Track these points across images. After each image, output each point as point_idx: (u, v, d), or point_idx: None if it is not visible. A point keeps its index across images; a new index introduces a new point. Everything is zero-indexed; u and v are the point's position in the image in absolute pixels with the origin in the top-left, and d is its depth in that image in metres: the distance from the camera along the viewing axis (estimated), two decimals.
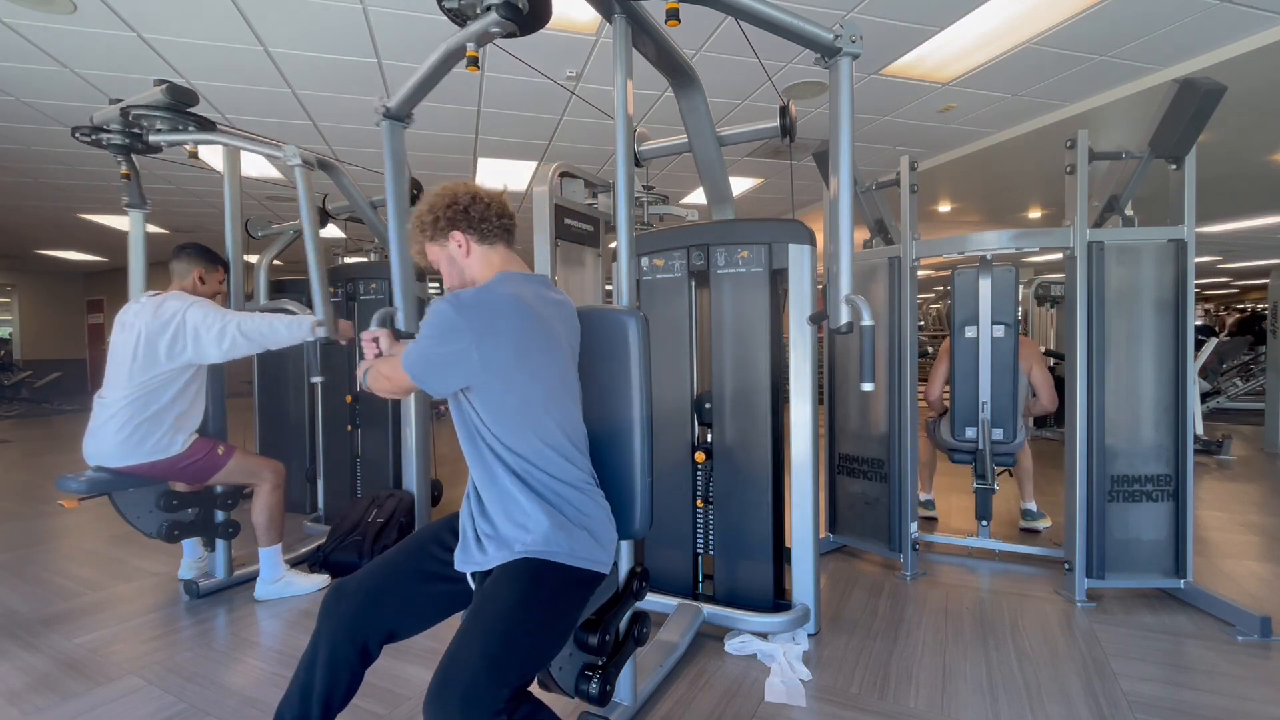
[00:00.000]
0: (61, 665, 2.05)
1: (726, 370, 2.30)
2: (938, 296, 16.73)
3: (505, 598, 1.09)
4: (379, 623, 1.18)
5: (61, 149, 4.84)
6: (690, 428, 2.36)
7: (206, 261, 2.51)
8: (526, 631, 1.06)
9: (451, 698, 0.96)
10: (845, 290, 1.58)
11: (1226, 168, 5.37)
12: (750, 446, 2.27)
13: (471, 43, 1.54)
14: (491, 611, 1.07)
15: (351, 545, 2.79)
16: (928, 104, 4.21)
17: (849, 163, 1.59)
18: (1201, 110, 2.29)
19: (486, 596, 1.11)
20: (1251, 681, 1.90)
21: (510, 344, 1.17)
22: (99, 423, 2.25)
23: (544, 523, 1.16)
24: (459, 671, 0.98)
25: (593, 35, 3.25)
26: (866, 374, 1.55)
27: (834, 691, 1.88)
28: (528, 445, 1.20)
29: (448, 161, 5.37)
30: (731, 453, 2.30)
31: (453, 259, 1.33)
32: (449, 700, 0.96)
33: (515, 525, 1.18)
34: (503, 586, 1.11)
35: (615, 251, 1.92)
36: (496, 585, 1.12)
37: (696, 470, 2.36)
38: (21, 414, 9.45)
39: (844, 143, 1.59)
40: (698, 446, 2.36)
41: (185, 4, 2.90)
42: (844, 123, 1.59)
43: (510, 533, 1.18)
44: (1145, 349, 2.49)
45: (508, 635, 1.04)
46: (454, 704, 0.95)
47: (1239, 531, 3.34)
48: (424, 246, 1.35)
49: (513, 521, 1.18)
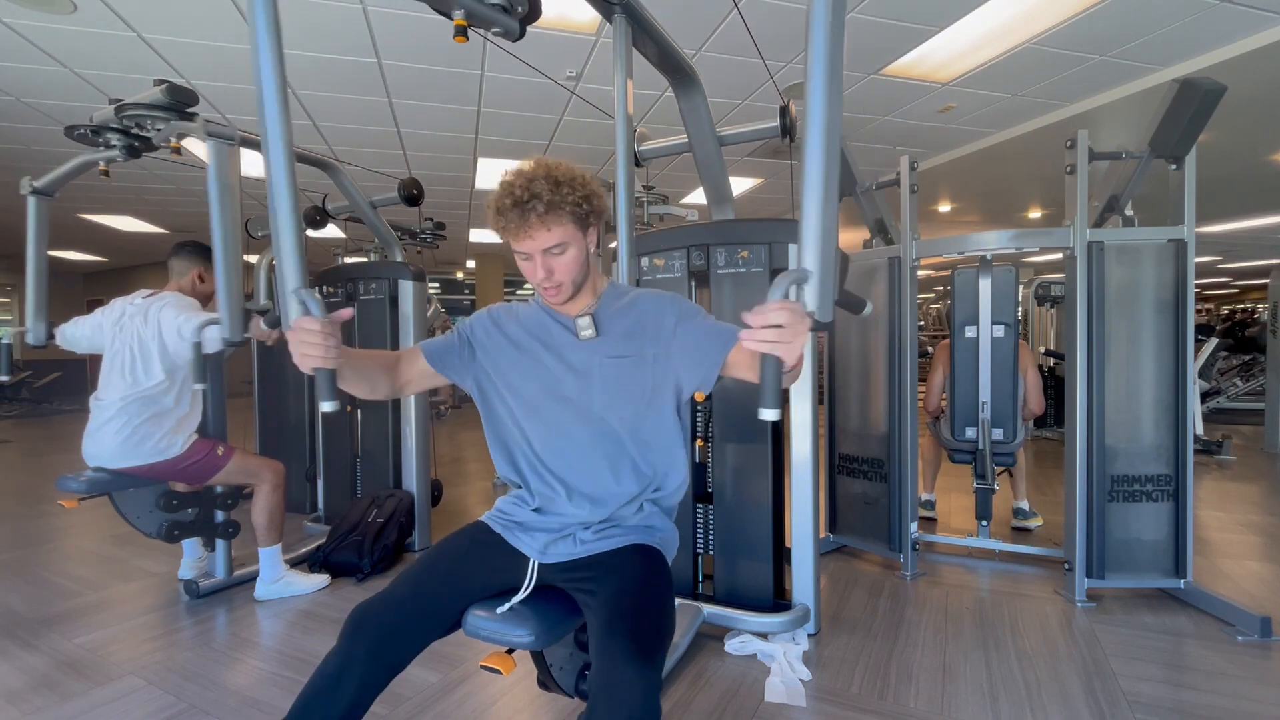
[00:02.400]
0: (61, 665, 2.05)
1: None
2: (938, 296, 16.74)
3: (646, 574, 1.18)
4: (411, 645, 1.14)
5: (61, 149, 4.84)
6: (690, 428, 2.35)
7: (207, 261, 2.51)
8: (669, 605, 1.18)
9: (641, 642, 1.03)
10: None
11: (1226, 168, 5.38)
12: (750, 446, 2.27)
13: (459, 11, 1.39)
14: (641, 583, 1.16)
15: (351, 545, 2.79)
16: (928, 104, 4.22)
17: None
18: (1201, 110, 2.29)
19: (623, 570, 1.18)
20: (1251, 681, 1.90)
21: None
22: (98, 424, 2.25)
23: (669, 524, 1.31)
24: (639, 625, 1.06)
25: (593, 35, 3.25)
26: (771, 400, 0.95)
27: (834, 691, 1.87)
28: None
29: (448, 161, 5.37)
30: (731, 453, 2.30)
31: (587, 252, 1.22)
32: (640, 641, 1.03)
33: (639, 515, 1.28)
34: (632, 565, 1.19)
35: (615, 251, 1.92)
36: (625, 562, 1.20)
37: (697, 469, 2.36)
38: (21, 414, 9.45)
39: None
40: (698, 446, 2.36)
41: (185, 4, 2.90)
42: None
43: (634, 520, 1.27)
44: (1145, 349, 2.49)
45: (663, 604, 1.16)
46: (645, 644, 1.03)
47: (1239, 531, 3.33)
48: (553, 224, 1.14)
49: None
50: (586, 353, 1.26)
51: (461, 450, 6.12)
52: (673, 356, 1.23)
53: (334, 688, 1.08)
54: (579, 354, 1.26)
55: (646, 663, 1.00)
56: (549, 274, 1.18)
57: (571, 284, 1.21)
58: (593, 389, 1.25)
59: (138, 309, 2.34)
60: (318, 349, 0.99)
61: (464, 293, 14.64)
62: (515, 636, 1.17)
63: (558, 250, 1.16)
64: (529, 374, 1.28)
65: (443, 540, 1.31)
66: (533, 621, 1.18)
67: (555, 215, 1.13)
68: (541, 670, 1.33)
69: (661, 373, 1.24)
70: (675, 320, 1.24)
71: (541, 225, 1.13)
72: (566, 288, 1.20)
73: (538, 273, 1.18)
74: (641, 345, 1.24)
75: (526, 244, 1.16)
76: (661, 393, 1.25)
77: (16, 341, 2.64)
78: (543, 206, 1.12)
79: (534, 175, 1.14)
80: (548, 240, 1.15)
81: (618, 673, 0.99)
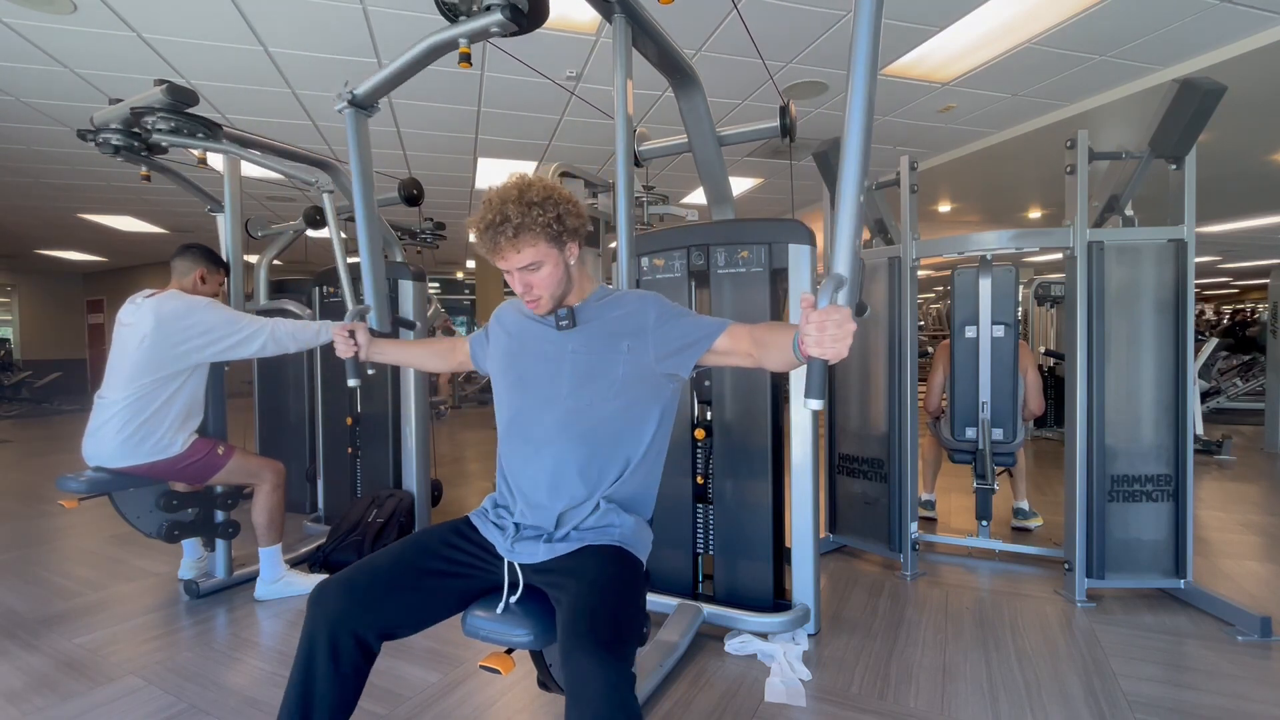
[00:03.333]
0: (61, 665, 2.05)
1: (726, 370, 2.30)
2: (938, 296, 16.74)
3: (607, 573, 1.18)
4: (373, 615, 1.16)
5: (61, 149, 4.85)
6: (690, 428, 2.36)
7: (209, 262, 2.51)
8: (633, 600, 1.18)
9: (602, 638, 1.02)
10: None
11: (1226, 168, 5.38)
12: (750, 446, 2.27)
13: (465, 39, 1.51)
14: (601, 581, 1.15)
15: (351, 545, 2.79)
16: (928, 104, 4.22)
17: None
18: (1201, 110, 2.29)
19: (583, 571, 1.18)
20: (1251, 681, 1.90)
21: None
22: (99, 423, 2.25)
23: (629, 519, 1.29)
24: (598, 622, 1.05)
25: (593, 35, 3.25)
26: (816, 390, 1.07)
27: (834, 691, 1.87)
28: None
29: (448, 161, 5.37)
30: (731, 452, 2.30)
31: (566, 266, 1.27)
32: (601, 637, 1.02)
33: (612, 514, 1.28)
34: (590, 566, 1.19)
35: (615, 251, 1.92)
36: (584, 564, 1.20)
37: (696, 470, 2.36)
38: (21, 414, 9.45)
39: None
40: (698, 446, 2.36)
41: (185, 4, 2.90)
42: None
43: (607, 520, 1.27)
44: (1145, 349, 2.49)
45: (626, 600, 1.16)
46: (607, 640, 1.02)
47: (1239, 531, 3.33)
48: (523, 245, 1.20)
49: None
50: (560, 342, 1.31)
51: (461, 450, 6.12)
52: (649, 349, 1.26)
53: (309, 663, 1.13)
54: (553, 344, 1.32)
55: (608, 654, 1.00)
56: (527, 289, 1.26)
57: (550, 298, 1.27)
58: (562, 375, 1.29)
59: (140, 307, 2.34)
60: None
61: (464, 293, 14.65)
62: (514, 636, 1.17)
63: (532, 268, 1.23)
64: (511, 361, 1.37)
65: (422, 529, 1.33)
66: (531, 621, 1.18)
67: (526, 236, 1.19)
68: (541, 670, 1.33)
69: (634, 363, 1.27)
70: (656, 316, 1.28)
71: (512, 247, 1.20)
72: (545, 301, 1.27)
73: (517, 287, 1.27)
74: (619, 338, 1.28)
75: (501, 263, 1.24)
76: (633, 385, 1.27)
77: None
78: (511, 230, 1.18)
79: (505, 197, 1.20)
80: (519, 260, 1.21)
81: (581, 669, 0.99)
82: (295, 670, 1.14)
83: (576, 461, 1.26)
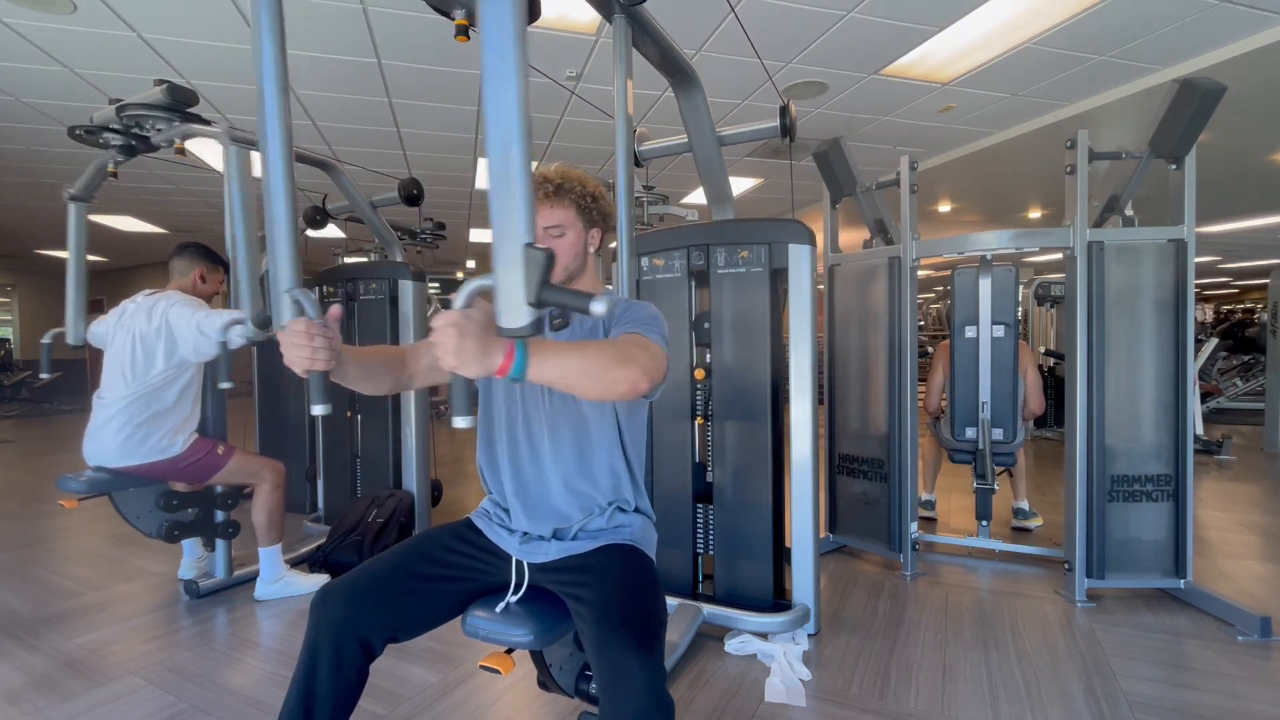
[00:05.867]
0: (61, 665, 2.05)
1: (727, 370, 2.30)
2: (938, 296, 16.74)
3: (630, 570, 1.19)
4: (377, 620, 1.16)
5: (61, 149, 4.85)
6: (690, 428, 2.36)
7: (208, 261, 2.52)
8: (655, 597, 1.20)
9: (636, 633, 1.04)
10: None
11: (1226, 168, 5.37)
12: (750, 446, 2.27)
13: (460, 11, 1.41)
14: (627, 578, 1.17)
15: (351, 545, 2.79)
16: (928, 104, 4.21)
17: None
18: (1201, 110, 2.29)
19: (606, 569, 1.19)
20: (1251, 681, 1.90)
21: None
22: (99, 423, 2.25)
23: (637, 518, 1.31)
24: (630, 618, 1.07)
25: (593, 35, 3.25)
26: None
27: (834, 691, 1.87)
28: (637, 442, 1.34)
29: (448, 161, 5.37)
30: (731, 453, 2.30)
31: (585, 246, 1.33)
32: (635, 632, 1.04)
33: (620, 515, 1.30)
34: (612, 564, 1.20)
35: (615, 251, 1.92)
36: (605, 562, 1.21)
37: (696, 470, 2.36)
38: (21, 414, 9.45)
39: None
40: (697, 446, 2.36)
41: (185, 4, 2.90)
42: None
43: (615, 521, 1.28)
44: (1145, 349, 2.49)
45: (650, 597, 1.17)
46: (640, 635, 1.04)
47: (1239, 531, 3.33)
48: (557, 205, 1.28)
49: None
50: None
51: (461, 450, 6.12)
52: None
53: (311, 666, 1.12)
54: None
55: (646, 651, 1.01)
56: None
57: (564, 269, 1.29)
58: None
59: (140, 307, 2.34)
60: (305, 350, 0.96)
61: None
62: (514, 636, 1.17)
63: (556, 232, 1.28)
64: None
65: (423, 531, 1.32)
66: (532, 621, 1.18)
67: (560, 199, 1.27)
68: (541, 670, 1.33)
69: None
70: (616, 318, 1.25)
71: (547, 202, 1.27)
72: (558, 272, 1.28)
73: None
74: (594, 338, 1.29)
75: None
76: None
77: (56, 342, 2.65)
78: (551, 188, 1.27)
79: (548, 171, 1.30)
80: (549, 218, 1.27)
81: (618, 665, 0.99)
82: (297, 674, 1.14)
83: (572, 462, 1.26)
